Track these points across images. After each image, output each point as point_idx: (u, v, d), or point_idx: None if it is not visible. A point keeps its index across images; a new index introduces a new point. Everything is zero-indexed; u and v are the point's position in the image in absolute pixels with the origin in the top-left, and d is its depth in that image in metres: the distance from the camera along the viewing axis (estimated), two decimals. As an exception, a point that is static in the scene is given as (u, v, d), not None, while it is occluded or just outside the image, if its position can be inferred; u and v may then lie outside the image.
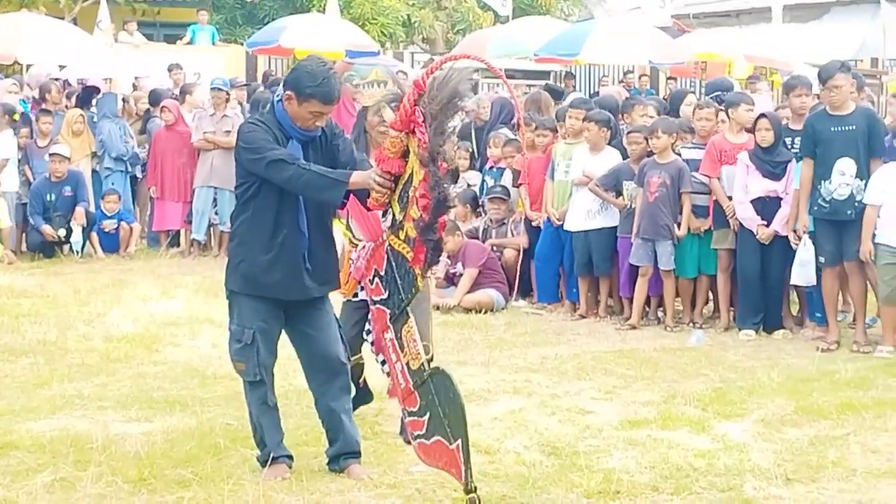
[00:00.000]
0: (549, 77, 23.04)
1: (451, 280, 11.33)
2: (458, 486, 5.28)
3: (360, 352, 6.74)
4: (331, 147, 5.81)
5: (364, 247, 6.22)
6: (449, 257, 11.32)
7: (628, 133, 10.64)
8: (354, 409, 6.33)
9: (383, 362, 6.26)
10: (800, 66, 15.98)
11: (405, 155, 5.30)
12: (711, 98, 11.51)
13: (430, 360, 5.45)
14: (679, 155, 10.16)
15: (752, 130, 9.81)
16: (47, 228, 13.60)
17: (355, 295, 6.56)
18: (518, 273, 11.00)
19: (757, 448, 6.46)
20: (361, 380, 6.88)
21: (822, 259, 9.31)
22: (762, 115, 9.84)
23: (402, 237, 5.32)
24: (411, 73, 16.39)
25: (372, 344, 6.48)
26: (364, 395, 6.95)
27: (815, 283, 9.46)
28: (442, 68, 5.21)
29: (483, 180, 12.65)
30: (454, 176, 12.20)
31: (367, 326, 6.48)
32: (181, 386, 7.82)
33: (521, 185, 11.34)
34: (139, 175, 15.23)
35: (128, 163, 14.88)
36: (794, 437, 6.67)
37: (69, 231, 13.79)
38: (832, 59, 10.25)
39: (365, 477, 5.83)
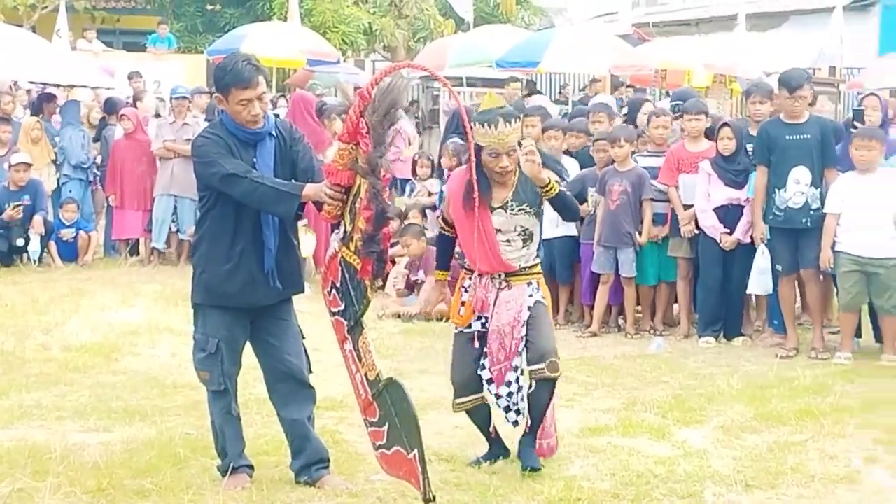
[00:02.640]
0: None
1: (412, 288, 11.32)
2: (418, 496, 5.28)
3: (481, 391, 6.18)
4: (291, 153, 5.79)
5: (479, 277, 6.10)
6: (411, 264, 11.32)
7: (595, 141, 10.67)
8: (491, 460, 6.22)
9: (507, 409, 6.17)
10: (759, 75, 16.08)
11: (354, 166, 5.29)
12: (671, 107, 11.56)
13: (550, 365, 5.89)
14: (636, 163, 10.21)
15: (713, 138, 9.86)
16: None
17: (469, 326, 6.18)
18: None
19: (717, 454, 6.49)
20: (492, 428, 6.27)
21: (778, 267, 9.39)
22: (724, 124, 9.90)
23: (353, 249, 5.32)
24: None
25: (490, 382, 6.13)
26: (498, 447, 6.32)
27: (771, 291, 9.54)
28: (395, 75, 5.22)
29: (441, 189, 12.67)
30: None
31: (483, 362, 6.12)
32: (141, 395, 7.77)
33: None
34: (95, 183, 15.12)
35: (88, 171, 14.77)
36: (753, 444, 6.71)
37: (27, 240, 13.69)
38: (791, 67, 10.34)
39: (343, 487, 5.81)
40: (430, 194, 13.09)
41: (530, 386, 6.00)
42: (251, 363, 6.00)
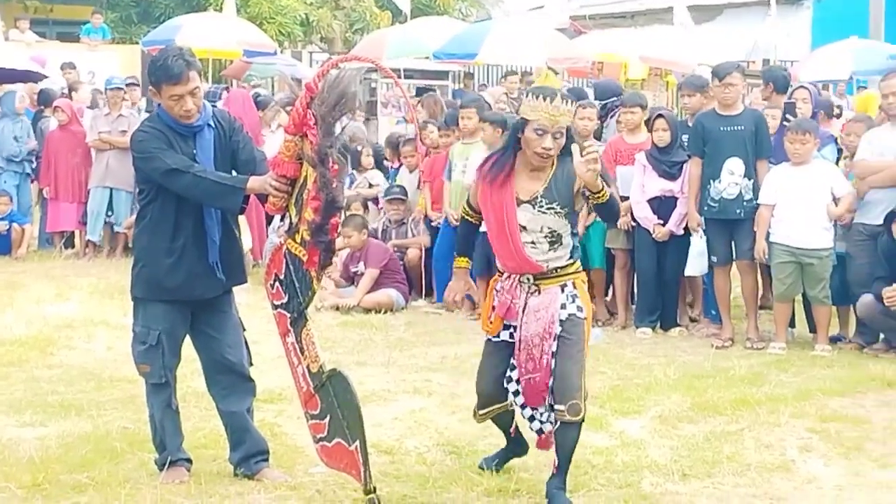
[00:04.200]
0: (448, 77, 23.12)
1: (351, 279, 11.31)
2: (358, 487, 5.29)
3: (506, 399, 5.78)
4: (231, 143, 5.75)
5: (507, 277, 5.59)
6: (351, 255, 11.30)
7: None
8: (505, 461, 6.01)
9: (531, 418, 5.72)
10: (694, 67, 16.21)
11: (301, 158, 5.28)
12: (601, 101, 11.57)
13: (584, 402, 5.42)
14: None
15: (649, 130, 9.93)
16: None
17: (497, 334, 5.68)
18: (421, 273, 11.01)
19: (654, 444, 6.55)
20: (513, 427, 5.99)
21: (714, 258, 9.48)
22: (659, 115, 9.95)
23: (298, 240, 5.30)
24: (309, 73, 16.33)
25: (515, 395, 5.69)
26: (517, 445, 6.07)
27: (707, 271, 9.62)
28: (339, 68, 5.21)
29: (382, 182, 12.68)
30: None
31: (509, 373, 5.68)
32: (76, 389, 7.70)
33: (424, 183, 11.38)
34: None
35: (25, 163, 14.58)
36: (690, 433, 6.77)
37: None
38: (724, 60, 10.45)
39: (282, 479, 5.79)
40: (370, 186, 13.05)
41: (556, 422, 5.52)
42: (189, 355, 5.96)
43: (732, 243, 9.43)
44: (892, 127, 9.12)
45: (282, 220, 5.55)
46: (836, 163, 9.76)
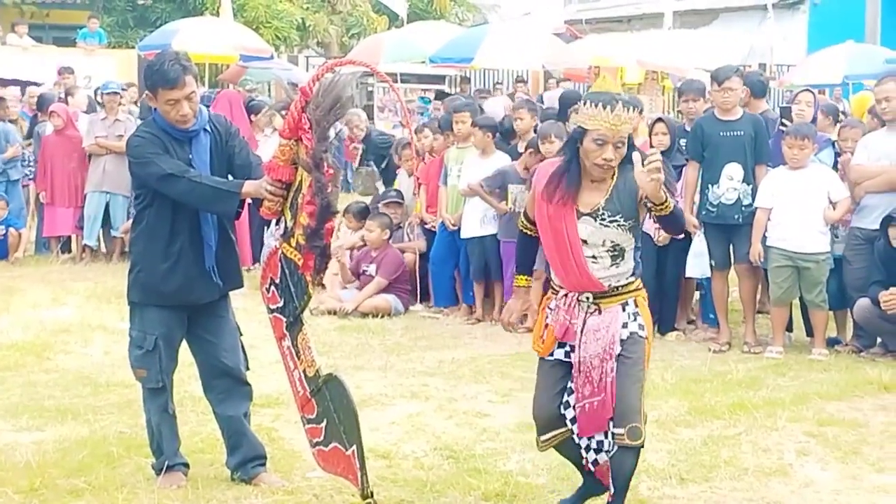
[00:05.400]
0: (445, 81, 23.15)
1: (358, 276, 11.29)
2: (355, 492, 5.28)
3: (565, 425, 5.32)
4: (227, 148, 5.75)
5: (564, 295, 5.21)
6: (367, 253, 11.28)
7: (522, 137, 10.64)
8: (583, 500, 5.53)
9: (587, 448, 5.31)
10: (691, 71, 16.23)
11: (296, 162, 5.28)
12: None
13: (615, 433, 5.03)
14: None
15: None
16: None
17: (550, 353, 5.29)
18: (417, 277, 11.02)
19: (651, 448, 6.52)
20: (586, 462, 5.40)
21: (712, 262, 9.48)
22: (659, 120, 9.96)
23: (294, 244, 5.29)
24: (305, 77, 16.33)
25: (572, 421, 5.28)
26: (596, 482, 5.45)
27: (709, 274, 9.62)
28: (334, 72, 5.20)
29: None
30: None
31: (566, 398, 5.27)
32: (73, 394, 7.69)
33: (419, 185, 11.38)
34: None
35: (9, 170, 14.51)
36: (687, 438, 6.77)
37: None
38: (721, 64, 10.44)
39: (280, 484, 5.79)
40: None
41: (612, 447, 5.17)
42: (185, 360, 5.95)
43: (731, 248, 9.42)
44: (888, 132, 9.13)
45: (277, 224, 5.54)
46: (833, 167, 9.76)
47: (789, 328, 9.66)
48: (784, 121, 9.80)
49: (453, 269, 11.08)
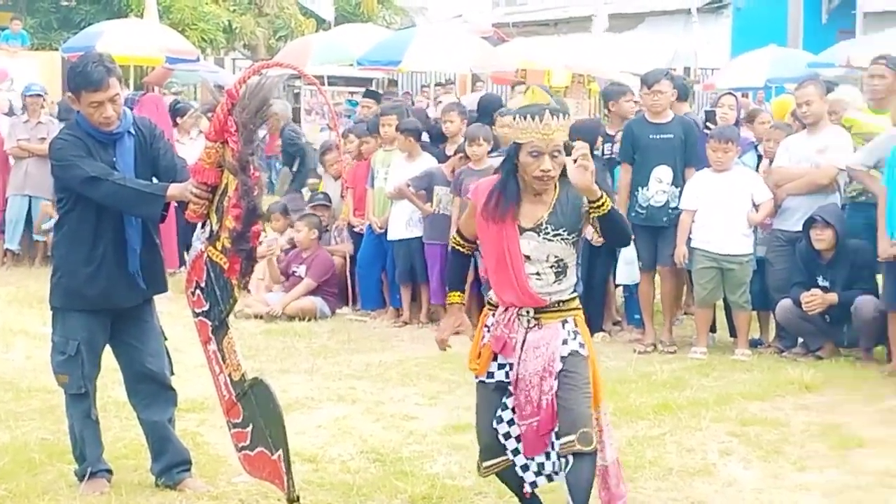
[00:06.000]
0: (372, 84, 23.13)
1: (288, 276, 11.26)
2: (281, 496, 5.25)
3: (505, 453, 5.16)
4: (151, 151, 5.70)
5: (504, 310, 5.06)
6: (298, 253, 11.25)
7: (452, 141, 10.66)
8: None
9: (525, 467, 5.14)
10: (617, 75, 16.33)
11: (221, 165, 5.25)
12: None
13: None
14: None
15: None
16: None
17: (490, 374, 5.13)
18: (346, 280, 11.00)
19: (577, 449, 6.57)
20: (527, 488, 5.21)
21: (639, 264, 9.56)
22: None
23: (220, 248, 5.26)
24: (232, 79, 16.24)
25: (511, 438, 5.12)
26: None
27: (638, 280, 9.70)
28: (261, 74, 5.18)
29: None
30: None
31: (507, 428, 5.12)
32: (-6, 400, 7.59)
33: (347, 188, 11.36)
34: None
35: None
36: (612, 438, 6.81)
37: None
38: (647, 67, 10.54)
39: (205, 489, 5.76)
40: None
41: (566, 463, 4.94)
42: (109, 365, 5.90)
43: (656, 249, 9.49)
44: (808, 135, 9.25)
45: (203, 227, 5.51)
46: (756, 169, 9.88)
47: (713, 329, 9.76)
48: (709, 124, 9.90)
49: (380, 271, 11.07)
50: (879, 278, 8.83)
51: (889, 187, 8.39)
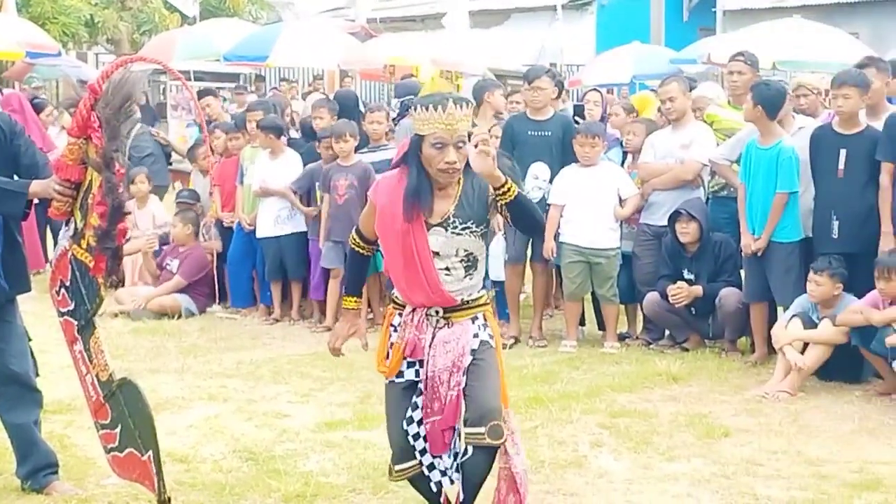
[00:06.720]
0: (239, 79, 22.90)
1: (161, 268, 11.12)
2: (152, 498, 5.18)
3: (415, 457, 4.97)
4: (12, 147, 5.56)
5: (412, 311, 4.93)
6: (174, 248, 11.11)
7: (321, 139, 10.62)
8: None
9: (431, 466, 4.95)
10: (484, 70, 16.44)
11: (85, 162, 5.15)
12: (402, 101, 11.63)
13: None
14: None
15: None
16: None
17: (400, 374, 4.96)
18: (214, 277, 10.88)
19: (449, 444, 6.59)
20: (443, 498, 4.97)
21: (506, 256, 9.62)
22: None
23: (85, 246, 5.16)
24: (94, 74, 15.96)
25: (419, 438, 4.94)
26: None
27: (504, 277, 9.76)
28: (125, 69, 5.09)
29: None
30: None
31: (410, 414, 4.94)
32: None
33: (215, 186, 11.24)
34: None
35: None
36: (485, 432, 6.84)
37: None
38: (514, 63, 10.63)
39: (73, 492, 5.65)
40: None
41: (465, 452, 4.87)
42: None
43: (529, 244, 9.55)
44: (673, 131, 9.41)
45: (67, 225, 5.39)
46: (622, 164, 10.02)
47: (582, 322, 9.88)
48: (577, 118, 10.01)
49: (251, 269, 10.98)
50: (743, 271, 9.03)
51: (746, 183, 8.58)
